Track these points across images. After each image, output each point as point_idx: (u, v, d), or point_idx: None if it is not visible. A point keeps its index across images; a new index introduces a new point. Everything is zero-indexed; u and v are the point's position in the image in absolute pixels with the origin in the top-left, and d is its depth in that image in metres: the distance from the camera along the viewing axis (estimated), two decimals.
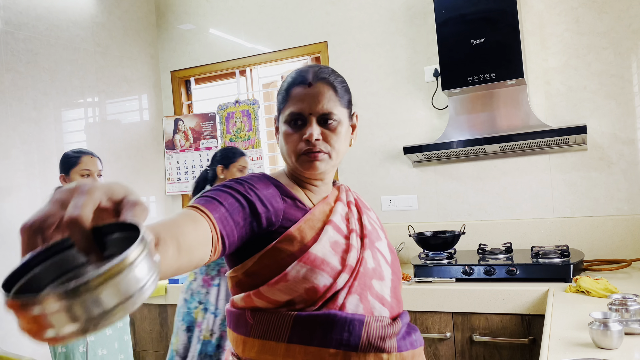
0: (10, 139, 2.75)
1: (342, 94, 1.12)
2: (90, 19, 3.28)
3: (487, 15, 2.55)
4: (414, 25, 3.00)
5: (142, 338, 3.18)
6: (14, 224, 2.74)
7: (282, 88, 1.14)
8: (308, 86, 1.09)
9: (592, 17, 2.64)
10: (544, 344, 1.48)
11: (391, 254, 1.21)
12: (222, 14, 3.56)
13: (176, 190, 3.67)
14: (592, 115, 2.64)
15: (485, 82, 2.56)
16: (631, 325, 1.46)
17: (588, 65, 2.65)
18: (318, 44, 3.27)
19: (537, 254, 2.38)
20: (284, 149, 1.13)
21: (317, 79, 1.10)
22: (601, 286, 1.95)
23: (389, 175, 3.09)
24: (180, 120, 3.69)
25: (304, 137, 1.08)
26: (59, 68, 3.05)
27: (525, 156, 2.77)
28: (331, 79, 1.11)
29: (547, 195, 2.73)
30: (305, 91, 1.08)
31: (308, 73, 1.11)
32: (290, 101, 1.10)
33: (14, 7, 2.83)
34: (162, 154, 3.74)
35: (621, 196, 2.60)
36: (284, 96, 1.12)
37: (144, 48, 3.67)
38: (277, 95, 1.16)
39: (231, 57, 3.54)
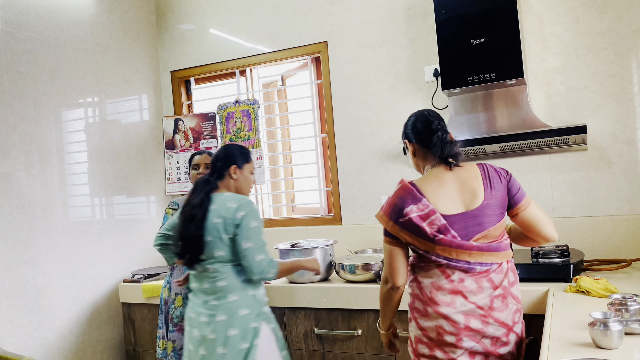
0: (10, 139, 2.76)
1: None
2: (90, 19, 3.28)
3: (487, 15, 2.55)
4: (414, 25, 3.00)
5: (142, 338, 3.18)
6: (14, 224, 2.74)
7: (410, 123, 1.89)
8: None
9: (592, 17, 2.64)
10: (544, 344, 1.47)
11: None
12: (222, 14, 3.56)
13: (176, 190, 3.67)
14: (592, 115, 2.64)
15: (485, 82, 2.56)
16: (631, 325, 1.46)
17: (588, 65, 2.65)
18: (318, 44, 3.27)
19: (537, 254, 2.38)
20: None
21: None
22: (601, 286, 1.95)
23: (389, 175, 3.09)
24: (180, 120, 3.69)
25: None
26: (59, 68, 3.05)
27: (525, 156, 2.77)
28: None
29: (547, 195, 2.73)
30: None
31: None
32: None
33: (14, 7, 2.83)
34: (162, 154, 3.74)
35: (621, 196, 2.60)
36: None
37: (144, 48, 3.67)
38: (408, 127, 1.88)
39: (231, 57, 3.54)
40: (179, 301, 2.67)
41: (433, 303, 1.71)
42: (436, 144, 1.79)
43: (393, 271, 1.79)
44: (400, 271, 1.79)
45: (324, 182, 3.38)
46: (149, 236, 3.46)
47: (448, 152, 1.79)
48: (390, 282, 1.81)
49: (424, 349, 1.75)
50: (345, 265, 2.63)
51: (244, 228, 2.05)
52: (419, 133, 1.83)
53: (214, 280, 2.10)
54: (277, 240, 3.22)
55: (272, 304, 2.75)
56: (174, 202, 2.77)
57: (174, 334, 2.65)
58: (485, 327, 1.68)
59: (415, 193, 1.74)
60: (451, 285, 1.71)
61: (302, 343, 2.70)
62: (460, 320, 1.68)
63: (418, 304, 1.77)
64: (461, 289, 1.70)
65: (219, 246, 2.06)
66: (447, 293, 1.70)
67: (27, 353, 2.75)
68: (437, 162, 1.82)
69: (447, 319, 1.69)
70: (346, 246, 3.12)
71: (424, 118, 1.84)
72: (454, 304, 1.69)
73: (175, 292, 2.68)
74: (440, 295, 1.71)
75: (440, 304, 1.70)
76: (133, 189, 3.48)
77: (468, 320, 1.68)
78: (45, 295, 2.88)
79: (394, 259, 1.79)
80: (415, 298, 1.79)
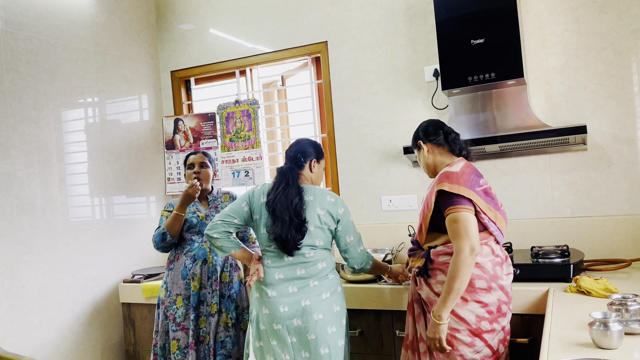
0: (10, 139, 2.76)
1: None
2: (90, 19, 3.28)
3: (487, 15, 2.55)
4: (414, 25, 3.00)
5: (142, 338, 3.18)
6: (14, 224, 2.74)
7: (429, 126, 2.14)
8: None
9: (592, 17, 2.64)
10: (544, 344, 1.48)
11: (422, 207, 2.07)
12: (222, 14, 3.56)
13: (176, 190, 3.67)
14: (592, 115, 2.64)
15: (485, 82, 2.56)
16: (631, 325, 1.46)
17: (588, 65, 2.65)
18: (318, 44, 3.27)
19: (537, 254, 2.38)
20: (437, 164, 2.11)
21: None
22: (601, 286, 1.95)
23: (389, 175, 3.09)
24: (180, 120, 3.69)
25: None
26: (59, 68, 3.05)
27: (525, 156, 2.77)
28: None
29: (547, 195, 2.73)
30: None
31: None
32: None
33: (14, 7, 2.83)
34: (162, 154, 3.74)
35: (621, 196, 2.60)
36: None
37: (144, 48, 3.67)
38: (429, 129, 2.12)
39: (231, 57, 3.54)
40: (179, 302, 2.66)
41: (496, 277, 1.89)
42: (455, 141, 2.09)
43: (475, 238, 1.83)
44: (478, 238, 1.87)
45: (324, 182, 3.38)
46: (149, 236, 3.46)
47: (466, 148, 2.10)
48: (476, 249, 1.82)
49: (486, 325, 1.86)
50: (345, 266, 2.63)
51: (346, 224, 2.21)
52: (432, 134, 2.10)
53: (313, 264, 2.15)
54: None
55: None
56: (170, 205, 2.76)
57: (178, 334, 2.64)
58: (511, 291, 1.99)
59: (476, 170, 2.00)
60: (499, 258, 1.94)
61: None
62: (509, 290, 1.94)
63: (481, 282, 1.88)
64: (504, 260, 1.96)
65: (320, 235, 2.16)
66: (500, 266, 1.93)
67: (27, 353, 2.75)
68: (453, 157, 2.08)
69: (503, 289, 1.91)
70: None
71: (434, 122, 2.15)
72: (507, 276, 1.94)
73: (175, 292, 2.67)
74: (499, 270, 1.91)
75: (500, 277, 1.90)
76: (133, 189, 3.48)
77: (511, 287, 1.97)
78: (45, 295, 2.88)
79: (474, 226, 1.86)
80: (476, 278, 1.87)
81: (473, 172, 1.96)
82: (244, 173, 3.50)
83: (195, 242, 2.69)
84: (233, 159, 3.53)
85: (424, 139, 2.11)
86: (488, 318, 1.87)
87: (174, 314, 2.66)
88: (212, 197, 2.80)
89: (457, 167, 1.96)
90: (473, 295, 1.86)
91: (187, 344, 2.62)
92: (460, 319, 1.86)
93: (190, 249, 2.68)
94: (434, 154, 2.10)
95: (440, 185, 1.91)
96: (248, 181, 3.48)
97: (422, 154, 2.13)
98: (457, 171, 1.93)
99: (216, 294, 2.65)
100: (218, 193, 2.83)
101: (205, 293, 2.66)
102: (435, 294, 1.94)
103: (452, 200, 1.87)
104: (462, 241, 1.82)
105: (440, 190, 1.91)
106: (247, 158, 3.49)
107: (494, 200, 1.96)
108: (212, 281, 2.66)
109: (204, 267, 2.66)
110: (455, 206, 1.86)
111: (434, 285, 1.96)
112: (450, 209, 1.87)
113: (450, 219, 1.87)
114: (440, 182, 1.93)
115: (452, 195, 1.88)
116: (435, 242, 2.01)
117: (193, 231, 2.69)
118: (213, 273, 2.67)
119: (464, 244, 1.82)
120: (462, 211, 1.85)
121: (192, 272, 2.65)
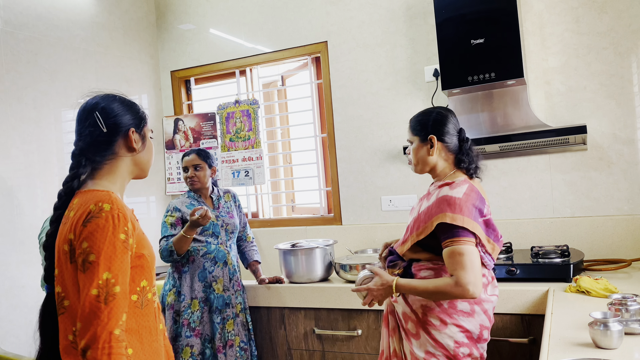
0: (10, 139, 2.76)
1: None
2: (90, 19, 3.28)
3: (487, 15, 2.55)
4: (414, 25, 3.00)
5: None
6: (14, 224, 2.74)
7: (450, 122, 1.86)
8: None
9: (592, 17, 2.64)
10: (544, 344, 1.48)
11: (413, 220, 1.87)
12: (222, 14, 3.56)
13: (176, 190, 3.67)
14: (592, 115, 2.64)
15: (485, 82, 2.56)
16: (631, 325, 1.46)
17: (588, 65, 2.65)
18: (318, 44, 3.27)
19: (537, 254, 2.38)
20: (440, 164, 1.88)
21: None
22: (601, 286, 1.95)
23: (389, 175, 3.09)
24: (180, 120, 3.69)
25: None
26: (59, 68, 3.05)
27: (525, 156, 2.77)
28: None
29: (547, 195, 2.73)
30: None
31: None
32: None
33: (14, 7, 2.83)
34: (162, 154, 3.74)
35: (621, 196, 2.60)
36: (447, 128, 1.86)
37: (144, 48, 3.67)
38: (448, 127, 1.85)
39: (231, 57, 3.54)
40: (195, 305, 2.59)
41: (481, 300, 1.77)
42: (468, 154, 1.85)
43: (480, 275, 1.66)
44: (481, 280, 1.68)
45: (324, 182, 3.38)
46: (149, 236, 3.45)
47: (476, 164, 1.86)
48: (477, 292, 1.64)
49: (465, 350, 1.73)
50: (345, 265, 2.63)
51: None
52: (451, 136, 1.85)
53: None
54: (277, 240, 3.22)
55: (273, 304, 2.76)
56: (176, 209, 2.65)
57: (192, 339, 2.56)
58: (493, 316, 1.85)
59: (480, 195, 1.77)
60: (485, 279, 1.78)
61: (302, 343, 2.70)
62: (491, 314, 1.81)
63: (463, 305, 1.74)
64: (490, 281, 1.82)
65: None
66: (485, 288, 1.78)
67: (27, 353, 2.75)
68: (455, 168, 1.86)
69: (486, 313, 1.78)
70: (346, 246, 3.12)
71: (456, 122, 1.88)
72: (492, 297, 1.81)
73: (190, 296, 2.59)
74: (483, 292, 1.77)
75: (485, 300, 1.78)
76: (133, 189, 3.48)
77: (493, 310, 1.83)
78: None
79: (479, 261, 1.68)
80: (460, 300, 1.73)
81: (478, 198, 1.74)
82: (244, 173, 3.50)
83: (211, 244, 2.64)
84: (233, 159, 3.53)
85: (437, 136, 1.84)
86: (467, 344, 1.73)
87: (188, 319, 2.58)
88: (216, 196, 2.79)
89: (460, 191, 1.73)
90: (453, 319, 1.73)
91: (201, 350, 2.57)
92: (438, 343, 1.73)
93: (207, 251, 2.62)
94: (440, 156, 1.85)
95: (442, 215, 1.70)
96: (248, 181, 3.48)
97: (425, 149, 1.85)
98: (459, 197, 1.71)
99: (239, 294, 2.66)
100: (219, 192, 2.82)
101: (229, 295, 2.63)
102: (412, 310, 1.79)
103: (453, 231, 1.68)
104: (468, 275, 1.63)
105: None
106: (247, 158, 3.49)
107: (494, 232, 1.79)
108: (234, 282, 2.65)
109: (225, 269, 2.63)
110: (458, 238, 1.67)
111: (412, 301, 1.80)
112: (453, 241, 1.67)
113: (454, 251, 1.66)
114: (441, 210, 1.71)
115: (454, 227, 1.68)
116: (418, 255, 1.83)
117: (207, 233, 2.64)
118: (234, 274, 2.66)
119: (468, 278, 1.63)
120: (466, 244, 1.66)
121: (213, 275, 2.61)
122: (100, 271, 1.19)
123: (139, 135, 1.43)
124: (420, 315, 1.76)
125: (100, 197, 1.28)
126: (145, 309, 1.32)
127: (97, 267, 1.19)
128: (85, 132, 1.37)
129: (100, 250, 1.20)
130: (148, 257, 1.34)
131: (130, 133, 1.40)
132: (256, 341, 2.81)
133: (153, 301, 1.36)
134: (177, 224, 2.62)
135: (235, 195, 2.89)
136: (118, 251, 1.22)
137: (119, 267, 1.22)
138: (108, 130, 1.36)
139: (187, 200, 2.70)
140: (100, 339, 1.16)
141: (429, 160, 1.86)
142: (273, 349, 2.78)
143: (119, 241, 1.23)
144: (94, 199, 1.27)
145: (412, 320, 1.78)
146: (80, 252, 1.22)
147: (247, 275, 2.96)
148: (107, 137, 1.37)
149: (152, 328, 1.33)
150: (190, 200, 2.70)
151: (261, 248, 3.36)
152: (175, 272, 2.66)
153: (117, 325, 1.18)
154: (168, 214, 2.65)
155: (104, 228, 1.22)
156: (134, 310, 1.29)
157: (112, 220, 1.23)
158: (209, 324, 2.60)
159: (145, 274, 1.32)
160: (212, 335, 2.59)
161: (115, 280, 1.20)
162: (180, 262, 2.64)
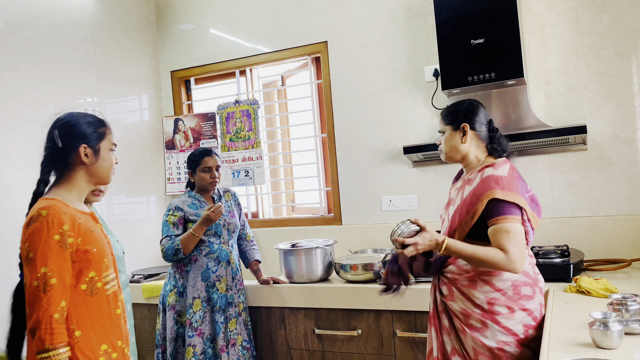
0: (10, 139, 2.75)
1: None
2: (90, 19, 3.28)
3: (487, 15, 2.55)
4: (414, 25, 3.00)
5: (142, 338, 3.18)
6: (14, 224, 2.74)
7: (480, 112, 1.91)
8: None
9: (592, 17, 2.64)
10: (544, 344, 1.48)
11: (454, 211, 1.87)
12: (222, 14, 3.56)
13: (176, 190, 3.67)
14: (592, 115, 2.64)
15: (485, 82, 2.56)
16: (631, 325, 1.46)
17: (588, 65, 2.65)
18: (318, 44, 3.27)
19: (537, 254, 2.38)
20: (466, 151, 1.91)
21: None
22: (601, 286, 1.95)
23: (389, 175, 3.09)
24: (180, 120, 3.69)
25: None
26: (59, 68, 3.05)
27: (525, 156, 2.77)
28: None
29: (547, 195, 2.73)
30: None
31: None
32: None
33: (14, 7, 2.83)
34: (162, 154, 3.74)
35: (621, 196, 2.60)
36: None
37: (144, 48, 3.67)
38: (479, 116, 1.89)
39: (231, 57, 3.54)
40: (197, 305, 2.59)
41: (537, 280, 1.82)
42: (500, 142, 1.91)
43: (525, 253, 1.69)
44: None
45: (324, 182, 3.38)
46: (149, 236, 3.46)
47: (508, 148, 1.93)
48: (520, 267, 1.66)
49: (532, 331, 1.76)
50: (345, 265, 2.63)
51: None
52: (482, 125, 1.90)
53: None
54: (277, 240, 3.22)
55: (273, 304, 2.76)
56: (178, 208, 2.65)
57: (194, 339, 2.56)
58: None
59: (520, 175, 1.84)
60: (534, 259, 1.86)
61: (302, 343, 2.70)
62: (544, 292, 1.86)
63: (526, 289, 1.77)
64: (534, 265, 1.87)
65: None
66: (534, 267, 1.84)
67: None
68: (486, 154, 1.91)
69: (542, 292, 1.83)
70: (346, 246, 3.12)
71: (485, 112, 1.94)
72: (541, 280, 1.86)
73: (192, 296, 2.60)
74: (537, 271, 1.84)
75: (539, 280, 1.84)
76: (133, 189, 3.48)
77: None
78: None
79: (523, 241, 1.71)
80: (522, 285, 1.76)
81: (520, 177, 1.80)
82: (244, 173, 3.50)
83: (214, 243, 2.64)
84: (233, 159, 3.53)
85: (470, 124, 1.87)
86: (534, 325, 1.76)
87: (190, 319, 2.58)
88: (216, 195, 2.80)
89: (504, 170, 1.77)
90: (519, 304, 1.75)
91: (203, 350, 2.57)
92: (509, 331, 1.73)
93: (210, 250, 2.63)
94: (471, 144, 1.88)
95: (491, 192, 1.71)
96: (248, 181, 3.48)
97: (457, 137, 1.88)
98: (504, 175, 1.75)
99: (241, 293, 2.67)
100: (219, 191, 2.83)
101: (232, 294, 2.64)
102: (476, 305, 1.76)
103: (502, 208, 1.69)
104: (517, 250, 1.65)
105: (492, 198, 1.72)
106: (247, 158, 3.49)
107: (537, 207, 1.82)
108: (237, 281, 2.66)
109: (228, 268, 2.64)
110: (505, 216, 1.69)
111: (474, 295, 1.77)
112: (500, 219, 1.69)
113: (502, 229, 1.67)
114: (490, 187, 1.73)
115: (504, 203, 1.70)
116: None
117: (209, 233, 2.64)
118: (236, 273, 2.67)
119: (518, 254, 1.65)
120: (514, 222, 1.69)
121: (217, 275, 2.61)
122: (38, 266, 1.44)
123: (92, 150, 1.62)
124: (487, 307, 1.75)
125: (43, 204, 1.50)
126: (96, 297, 1.53)
127: (35, 262, 1.45)
128: (47, 145, 1.64)
129: (37, 249, 1.45)
130: (95, 252, 1.53)
131: (81, 149, 1.59)
132: (256, 341, 2.81)
133: (105, 290, 1.56)
134: (179, 223, 2.64)
135: (235, 194, 2.89)
136: (53, 249, 1.45)
137: (55, 262, 1.45)
138: (63, 145, 1.61)
139: (188, 199, 2.70)
140: (42, 322, 1.40)
141: (460, 148, 1.89)
142: (273, 349, 2.79)
143: (53, 241, 1.45)
144: (39, 205, 1.50)
145: (475, 315, 1.76)
146: (24, 249, 1.49)
147: (246, 274, 2.96)
148: (62, 152, 1.60)
149: (104, 313, 1.55)
150: (192, 199, 2.70)
151: (261, 248, 3.36)
152: (177, 272, 2.66)
153: (56, 310, 1.42)
154: (170, 213, 2.66)
155: (39, 231, 1.46)
156: (84, 297, 1.51)
157: (46, 224, 1.46)
158: (211, 324, 2.60)
159: (92, 267, 1.52)
160: (215, 335, 2.59)
161: (52, 273, 1.44)
162: (183, 262, 2.65)
